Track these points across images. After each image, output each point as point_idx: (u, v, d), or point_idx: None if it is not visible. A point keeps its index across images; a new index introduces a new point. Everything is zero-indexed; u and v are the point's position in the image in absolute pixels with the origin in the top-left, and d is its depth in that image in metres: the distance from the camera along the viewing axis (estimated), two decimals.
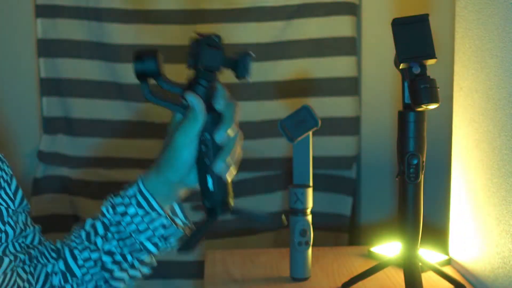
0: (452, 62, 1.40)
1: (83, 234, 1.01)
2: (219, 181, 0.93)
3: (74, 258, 1.00)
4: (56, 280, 1.01)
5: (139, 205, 0.97)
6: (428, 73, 1.14)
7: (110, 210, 0.99)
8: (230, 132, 0.93)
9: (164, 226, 0.97)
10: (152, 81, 0.96)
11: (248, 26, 1.81)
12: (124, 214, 0.97)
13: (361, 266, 1.37)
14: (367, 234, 1.80)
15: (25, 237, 0.99)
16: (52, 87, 1.86)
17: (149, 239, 0.97)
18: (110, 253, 0.99)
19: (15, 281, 0.94)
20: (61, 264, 1.01)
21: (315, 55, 1.83)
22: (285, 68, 1.84)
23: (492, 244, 1.22)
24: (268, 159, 1.88)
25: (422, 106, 1.12)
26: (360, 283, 1.27)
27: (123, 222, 0.97)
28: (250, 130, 1.81)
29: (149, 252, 0.99)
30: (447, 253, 1.43)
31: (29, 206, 1.01)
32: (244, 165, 1.30)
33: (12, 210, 0.96)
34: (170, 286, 1.91)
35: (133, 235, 0.97)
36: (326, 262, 1.42)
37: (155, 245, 0.98)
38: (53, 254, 1.02)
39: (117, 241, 0.98)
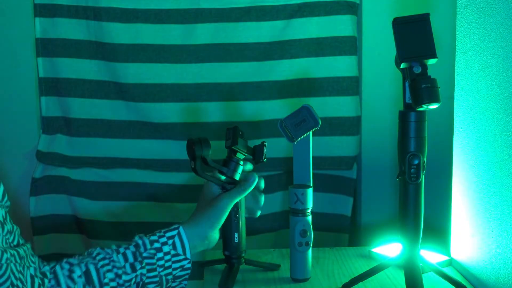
0: (453, 62, 1.39)
1: (118, 257, 1.12)
2: (240, 236, 1.29)
3: (98, 275, 1.10)
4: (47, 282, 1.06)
5: (174, 246, 1.15)
6: (429, 72, 1.13)
7: (148, 244, 1.14)
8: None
9: (182, 268, 1.17)
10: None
11: (248, 26, 1.81)
12: (158, 250, 1.14)
13: (361, 266, 1.37)
14: (368, 234, 1.79)
15: (10, 233, 1.00)
16: (50, 86, 1.85)
17: (166, 274, 1.15)
18: (135, 282, 1.13)
19: (9, 276, 0.96)
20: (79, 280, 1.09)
21: (315, 55, 1.82)
22: (285, 68, 1.83)
23: (493, 245, 1.21)
24: (268, 159, 1.87)
25: (423, 105, 1.11)
26: (360, 284, 1.26)
27: (155, 256, 1.14)
28: (250, 130, 1.81)
29: (161, 286, 1.15)
30: (448, 254, 1.42)
31: (9, 203, 1.04)
32: None
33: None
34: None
35: (158, 269, 1.13)
36: (326, 263, 1.41)
37: (167, 281, 1.16)
38: (33, 259, 1.06)
39: (146, 270, 1.13)
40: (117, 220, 1.87)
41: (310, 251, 1.31)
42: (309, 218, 1.30)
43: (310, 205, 1.29)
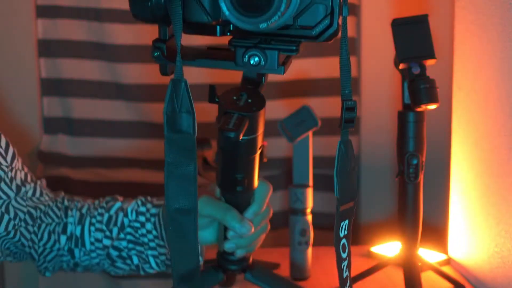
0: (452, 63, 1.40)
1: (106, 216, 1.04)
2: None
3: (89, 232, 1.04)
4: (63, 239, 1.04)
5: (155, 227, 1.01)
6: (428, 73, 1.14)
7: (134, 214, 1.03)
8: (257, 212, 0.94)
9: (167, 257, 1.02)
10: None
11: None
12: (142, 224, 1.01)
13: (361, 265, 1.37)
14: (367, 233, 1.81)
15: (26, 193, 1.00)
16: (52, 87, 1.86)
17: (154, 257, 1.03)
18: (118, 249, 1.04)
19: (19, 239, 0.98)
20: (77, 229, 1.05)
21: (315, 55, 1.83)
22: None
23: (491, 243, 1.22)
24: (268, 159, 1.88)
25: (422, 106, 1.12)
26: (360, 283, 1.27)
27: (139, 231, 1.01)
28: None
29: (152, 267, 1.04)
30: (446, 253, 1.43)
31: (24, 165, 1.02)
32: None
33: (6, 166, 0.97)
34: (170, 285, 1.91)
35: (143, 246, 1.02)
36: (326, 262, 1.42)
37: (158, 265, 1.04)
38: (59, 213, 1.04)
39: (127, 242, 1.02)
40: None
41: (309, 250, 1.32)
42: (309, 217, 1.31)
43: (309, 204, 1.30)
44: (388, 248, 1.46)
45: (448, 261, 1.41)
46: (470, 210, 1.32)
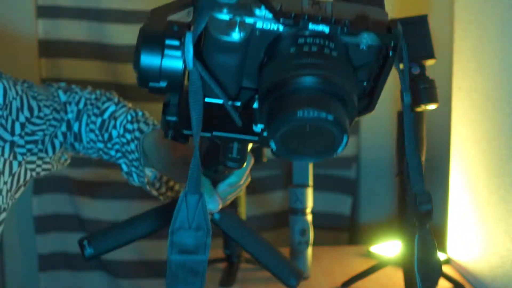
0: (451, 63, 1.41)
1: (99, 121, 1.06)
2: None
3: (85, 131, 1.06)
4: (68, 135, 1.06)
5: (137, 149, 1.02)
6: (428, 73, 1.15)
7: (122, 129, 1.05)
8: (234, 185, 0.90)
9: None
10: None
11: None
12: (128, 142, 1.03)
13: (360, 265, 1.38)
14: (367, 233, 1.81)
15: (22, 125, 0.99)
16: None
17: (136, 174, 1.05)
18: (109, 156, 1.06)
19: (25, 169, 0.99)
20: (75, 126, 1.07)
21: None
22: None
23: (490, 243, 1.22)
24: (268, 159, 1.88)
25: (422, 106, 1.13)
26: (359, 282, 1.27)
27: (125, 146, 1.03)
28: None
29: (135, 181, 1.06)
30: (446, 253, 1.44)
31: (25, 85, 1.02)
32: None
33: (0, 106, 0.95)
34: None
35: (129, 161, 1.04)
36: (325, 262, 1.42)
37: (140, 182, 1.06)
38: (59, 116, 1.05)
39: (115, 152, 1.05)
40: (120, 220, 1.87)
41: (309, 250, 1.32)
42: (309, 217, 1.31)
43: (309, 204, 1.31)
44: (388, 247, 1.46)
45: (448, 261, 1.41)
46: (470, 210, 1.32)
